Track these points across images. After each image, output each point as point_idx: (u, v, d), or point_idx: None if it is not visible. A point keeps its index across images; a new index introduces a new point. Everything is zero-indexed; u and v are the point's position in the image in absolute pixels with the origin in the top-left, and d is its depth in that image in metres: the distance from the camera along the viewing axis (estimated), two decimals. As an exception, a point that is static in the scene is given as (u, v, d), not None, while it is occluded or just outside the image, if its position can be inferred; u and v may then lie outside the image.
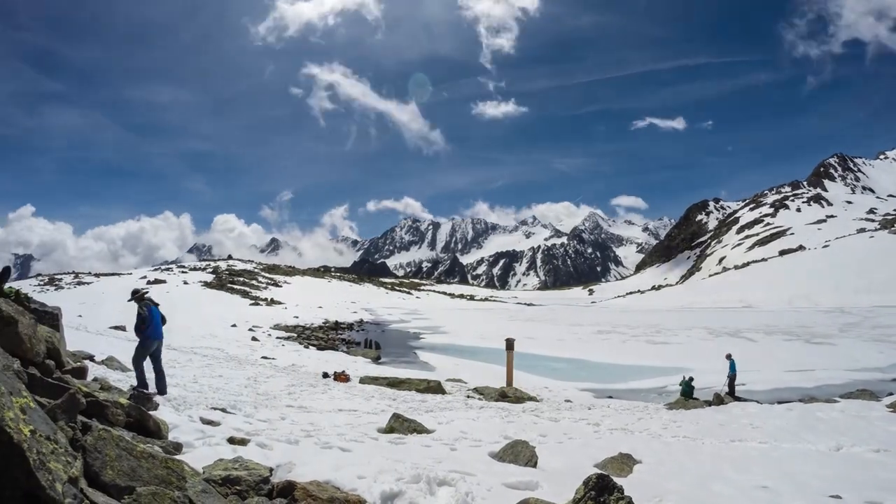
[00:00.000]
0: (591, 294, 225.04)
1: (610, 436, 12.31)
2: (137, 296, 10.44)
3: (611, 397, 22.44)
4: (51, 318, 7.24)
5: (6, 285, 6.44)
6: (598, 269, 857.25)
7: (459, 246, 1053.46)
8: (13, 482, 2.84)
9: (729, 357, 22.65)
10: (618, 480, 5.31)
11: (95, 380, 8.57)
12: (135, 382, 9.85)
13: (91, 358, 12.72)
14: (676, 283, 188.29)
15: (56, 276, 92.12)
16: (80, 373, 7.64)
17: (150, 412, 6.61)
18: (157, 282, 79.90)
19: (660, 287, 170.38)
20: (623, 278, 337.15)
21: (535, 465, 8.04)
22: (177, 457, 5.33)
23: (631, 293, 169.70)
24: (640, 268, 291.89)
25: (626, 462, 8.90)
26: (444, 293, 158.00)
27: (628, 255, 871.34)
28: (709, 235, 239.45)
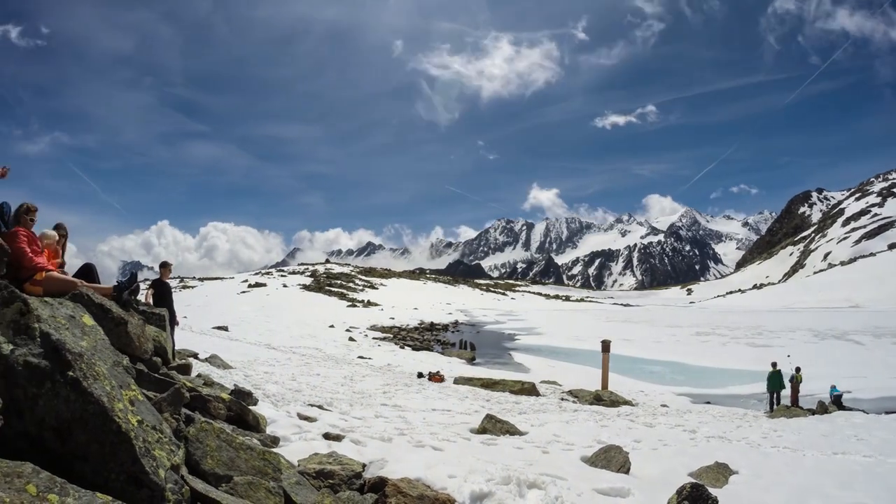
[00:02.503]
0: (689, 294, 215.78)
1: (706, 444, 11.69)
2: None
3: (708, 403, 21.53)
4: (158, 318, 7.71)
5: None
6: (697, 267, 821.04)
7: (554, 246, 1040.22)
8: (120, 467, 3.00)
9: (775, 366, 21.12)
10: (712, 491, 5.01)
11: (199, 376, 9.07)
12: (237, 379, 10.30)
13: (195, 356, 13.50)
14: (779, 281, 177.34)
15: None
16: (185, 369, 8.11)
17: (250, 407, 6.89)
18: (257, 285, 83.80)
19: (761, 286, 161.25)
20: (723, 277, 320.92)
21: (627, 472, 7.73)
22: (273, 449, 5.52)
23: (731, 292, 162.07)
24: (740, 265, 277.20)
25: (721, 472, 8.40)
26: (539, 294, 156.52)
27: (728, 252, 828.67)
28: (812, 229, 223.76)
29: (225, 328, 32.91)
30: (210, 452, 4.40)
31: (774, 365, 21.00)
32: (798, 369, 21.10)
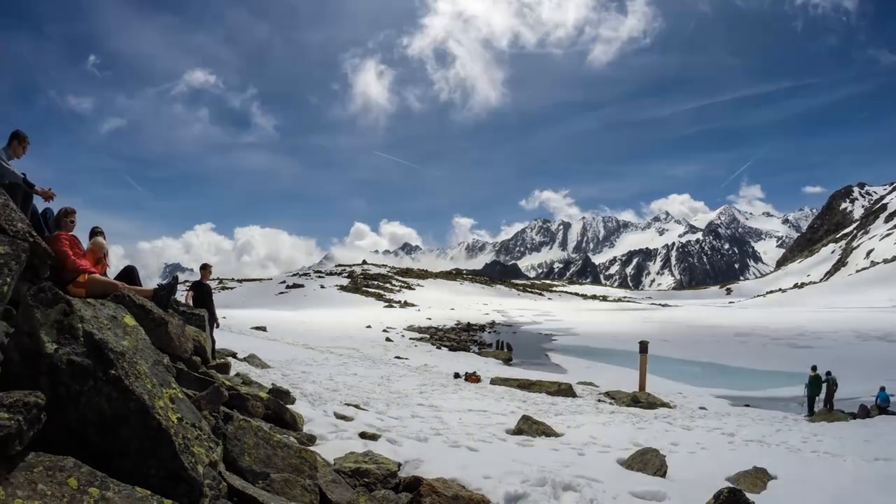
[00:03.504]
0: (728, 294, 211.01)
1: (745, 448, 11.38)
2: None
3: (748, 405, 21.05)
4: (198, 319, 7.90)
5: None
6: (736, 266, 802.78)
7: (591, 245, 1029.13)
8: (159, 462, 3.07)
9: (815, 370, 20.43)
10: (750, 497, 4.88)
11: (237, 375, 9.24)
12: (275, 378, 10.44)
13: (234, 355, 13.76)
14: (820, 280, 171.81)
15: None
16: (224, 368, 8.28)
17: (288, 406, 7.00)
18: (295, 286, 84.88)
19: (802, 285, 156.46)
20: (763, 276, 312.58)
21: (664, 475, 7.58)
22: (310, 448, 5.59)
23: (771, 292, 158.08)
24: (780, 264, 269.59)
25: (760, 477, 8.16)
26: (577, 294, 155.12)
27: (768, 251, 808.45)
28: (854, 226, 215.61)
29: (263, 328, 33.48)
30: (248, 450, 4.48)
31: (814, 369, 20.46)
32: (829, 373, 20.50)
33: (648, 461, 7.84)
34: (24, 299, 3.30)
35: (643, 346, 23.47)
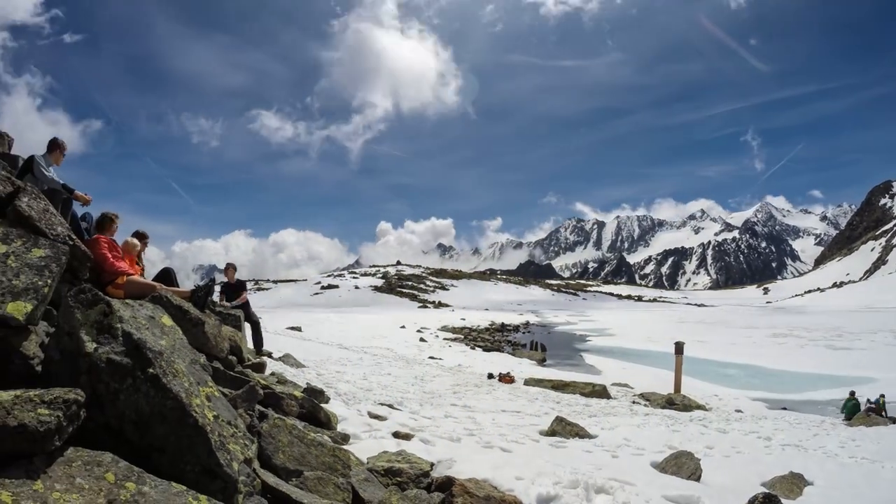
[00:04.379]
0: (766, 293, 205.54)
1: (781, 452, 11.09)
2: None
3: (784, 408, 20.56)
4: (234, 319, 8.05)
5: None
6: (774, 265, 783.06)
7: (625, 245, 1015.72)
8: (196, 459, 3.13)
9: (853, 395, 19.69)
10: (786, 503, 4.75)
11: (273, 374, 9.36)
12: (309, 377, 10.55)
13: (269, 355, 13.93)
14: (860, 278, 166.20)
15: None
16: (260, 367, 8.40)
17: (322, 405, 7.07)
18: (329, 287, 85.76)
19: (841, 284, 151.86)
20: (801, 275, 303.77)
21: (698, 479, 7.43)
22: (344, 447, 5.64)
23: (809, 291, 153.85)
24: (818, 262, 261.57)
25: (796, 483, 7.94)
26: (611, 294, 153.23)
27: (806, 249, 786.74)
28: (894, 222, 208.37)
29: (298, 328, 33.88)
30: (282, 448, 4.55)
31: (852, 394, 19.71)
32: (882, 396, 19.77)
33: (683, 464, 7.70)
34: (65, 300, 3.39)
35: (678, 348, 23.07)
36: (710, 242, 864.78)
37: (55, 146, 7.78)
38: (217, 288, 10.41)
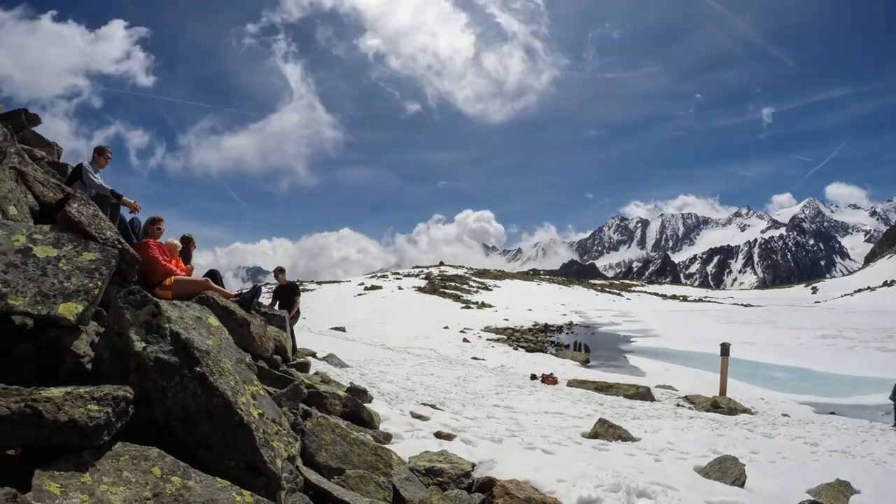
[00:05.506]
0: (814, 293, 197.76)
1: (828, 458, 10.65)
2: None
3: (832, 413, 19.70)
4: (279, 320, 8.22)
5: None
6: (822, 263, 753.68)
7: (670, 243, 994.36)
8: (240, 455, 3.21)
9: None
10: (831, 511, 4.57)
11: (317, 373, 9.52)
12: (352, 377, 10.67)
13: (313, 355, 14.16)
14: None
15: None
16: (304, 367, 8.56)
17: (365, 404, 7.15)
18: (373, 288, 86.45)
19: (892, 283, 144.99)
20: (850, 273, 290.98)
21: (742, 485, 7.22)
22: (386, 446, 5.69)
23: (859, 290, 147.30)
24: (868, 260, 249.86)
25: (842, 491, 7.62)
26: (656, 294, 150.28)
27: (855, 246, 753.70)
28: None
29: (342, 329, 34.29)
30: (325, 446, 4.63)
31: None
32: None
33: (727, 469, 7.51)
34: (114, 301, 3.52)
35: (724, 349, 22.42)
36: (756, 240, 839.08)
37: (99, 153, 8.11)
38: (264, 289, 10.64)
